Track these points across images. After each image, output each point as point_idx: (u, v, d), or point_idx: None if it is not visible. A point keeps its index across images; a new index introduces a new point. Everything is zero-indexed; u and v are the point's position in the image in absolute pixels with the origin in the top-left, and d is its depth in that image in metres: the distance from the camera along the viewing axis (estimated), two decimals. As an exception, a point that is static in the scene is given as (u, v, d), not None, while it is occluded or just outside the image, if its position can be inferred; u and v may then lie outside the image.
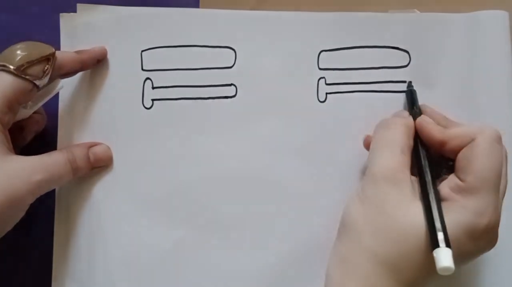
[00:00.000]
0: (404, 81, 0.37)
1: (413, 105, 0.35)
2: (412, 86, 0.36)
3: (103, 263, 0.35)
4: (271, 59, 0.37)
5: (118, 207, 0.36)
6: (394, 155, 0.31)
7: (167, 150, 0.36)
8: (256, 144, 0.36)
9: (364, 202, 0.31)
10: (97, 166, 0.35)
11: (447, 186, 0.30)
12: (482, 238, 0.29)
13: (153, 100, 0.37)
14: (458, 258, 0.28)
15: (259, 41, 0.37)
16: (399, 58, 0.37)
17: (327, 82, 0.37)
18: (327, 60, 0.37)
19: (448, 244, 0.27)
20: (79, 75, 0.37)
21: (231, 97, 0.37)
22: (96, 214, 0.36)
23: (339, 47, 0.37)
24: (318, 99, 0.37)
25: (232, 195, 0.36)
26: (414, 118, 0.33)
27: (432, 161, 0.32)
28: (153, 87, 0.37)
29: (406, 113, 0.34)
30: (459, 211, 0.29)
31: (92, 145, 0.35)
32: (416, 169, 0.32)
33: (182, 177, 0.36)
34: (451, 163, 0.32)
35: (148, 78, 0.37)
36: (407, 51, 0.37)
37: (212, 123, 0.36)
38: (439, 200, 0.29)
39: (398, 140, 0.32)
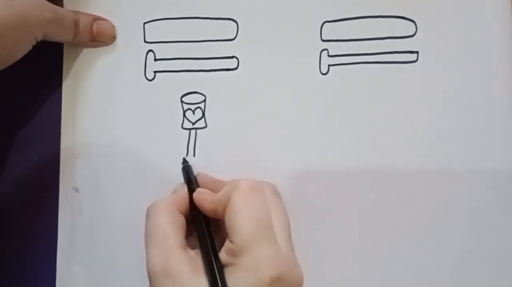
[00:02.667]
0: (412, 52, 0.36)
1: (190, 182, 0.34)
2: (187, 162, 0.35)
3: (103, 227, 0.36)
4: (273, 31, 0.36)
5: (119, 176, 0.36)
6: (158, 243, 0.30)
7: (168, 121, 0.36)
8: (257, 116, 0.36)
9: None
10: (97, 40, 0.36)
11: (223, 251, 0.30)
12: None
13: (155, 72, 0.37)
14: None
15: (261, 13, 0.37)
16: (405, 28, 0.36)
17: (330, 54, 0.36)
18: (330, 31, 0.36)
19: None
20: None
21: (233, 69, 0.37)
22: (98, 182, 0.36)
23: (342, 17, 0.36)
24: (320, 72, 0.36)
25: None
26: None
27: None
28: (155, 59, 0.37)
29: (170, 195, 0.34)
30: (238, 274, 0.28)
31: (98, 18, 0.36)
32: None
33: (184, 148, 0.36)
34: None
35: (150, 50, 0.37)
36: (413, 21, 0.36)
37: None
38: (221, 269, 0.29)
39: (159, 225, 0.31)
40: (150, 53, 0.37)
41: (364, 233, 0.35)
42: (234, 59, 0.37)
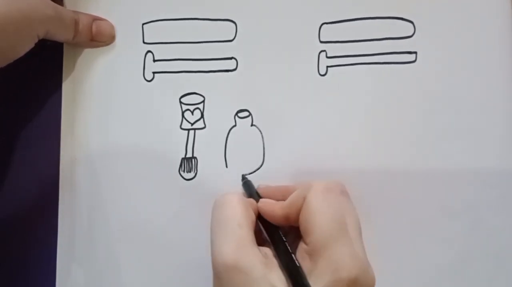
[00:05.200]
0: (410, 52, 0.36)
1: (251, 196, 0.34)
2: (246, 178, 0.35)
3: (103, 227, 0.36)
4: (272, 33, 0.36)
5: (118, 176, 0.36)
6: (231, 233, 0.29)
7: (167, 122, 0.37)
8: (256, 117, 0.36)
9: None
10: (97, 40, 0.36)
11: (299, 256, 0.29)
12: None
13: (154, 73, 0.37)
14: None
15: (260, 14, 0.37)
16: (404, 28, 0.36)
17: (328, 55, 0.36)
18: (329, 32, 0.36)
19: None
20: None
21: (231, 70, 0.37)
22: (98, 182, 0.36)
23: (340, 19, 0.36)
24: (319, 73, 0.36)
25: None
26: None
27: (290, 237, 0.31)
28: (154, 60, 0.37)
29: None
30: (314, 275, 0.28)
31: (98, 19, 0.37)
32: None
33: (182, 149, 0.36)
34: None
35: (149, 51, 0.37)
36: (411, 22, 0.36)
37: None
38: (301, 268, 0.28)
39: (234, 214, 0.30)
40: (149, 54, 0.37)
41: (363, 233, 0.35)
42: (233, 60, 0.37)
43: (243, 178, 0.36)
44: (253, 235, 0.30)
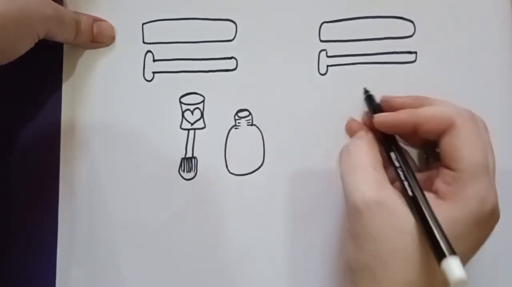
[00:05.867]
0: (410, 52, 0.36)
1: (374, 111, 0.34)
2: (368, 91, 0.35)
3: (103, 227, 0.36)
4: (272, 32, 0.36)
5: (118, 176, 0.36)
6: (368, 177, 0.30)
7: (167, 122, 0.37)
8: (256, 117, 0.36)
9: (358, 240, 0.29)
10: (97, 40, 0.36)
11: (441, 181, 0.30)
12: (489, 222, 0.29)
13: (154, 73, 0.37)
14: (470, 250, 0.28)
15: (260, 14, 0.37)
16: (404, 28, 0.36)
17: (329, 54, 0.36)
18: (329, 32, 0.36)
19: (453, 251, 0.26)
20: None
21: (231, 70, 0.37)
22: (98, 181, 0.37)
23: (341, 18, 0.36)
24: (319, 72, 0.36)
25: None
26: None
27: (410, 157, 0.31)
28: (154, 60, 0.37)
29: (363, 132, 0.33)
30: (463, 202, 0.28)
31: (98, 19, 0.37)
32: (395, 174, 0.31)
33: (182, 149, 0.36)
34: (438, 150, 0.31)
35: (149, 51, 0.37)
36: (411, 21, 0.36)
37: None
38: (429, 207, 0.28)
39: (366, 160, 0.31)
40: (149, 54, 0.37)
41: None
42: (233, 60, 0.37)
43: (365, 91, 0.35)
44: (387, 177, 0.31)
